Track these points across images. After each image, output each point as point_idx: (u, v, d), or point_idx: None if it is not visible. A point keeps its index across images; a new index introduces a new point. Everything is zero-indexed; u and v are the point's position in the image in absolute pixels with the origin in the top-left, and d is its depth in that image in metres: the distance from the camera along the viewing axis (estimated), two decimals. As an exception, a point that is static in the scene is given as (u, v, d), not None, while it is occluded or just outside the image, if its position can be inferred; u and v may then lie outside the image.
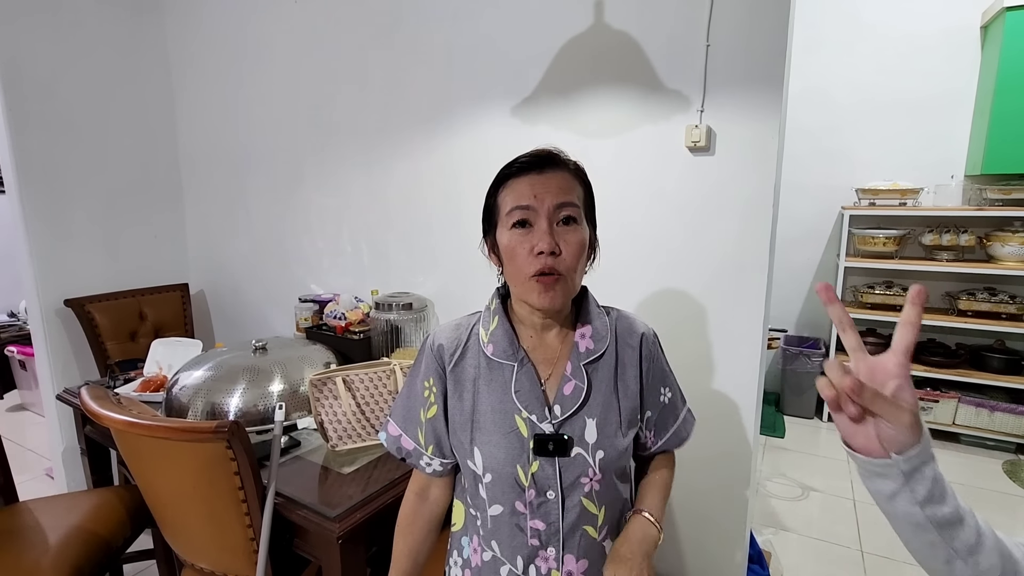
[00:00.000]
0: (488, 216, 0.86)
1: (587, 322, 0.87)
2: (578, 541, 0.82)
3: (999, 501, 2.52)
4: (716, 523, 1.62)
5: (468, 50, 1.77)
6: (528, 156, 0.82)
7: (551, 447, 0.80)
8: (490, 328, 0.86)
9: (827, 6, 3.25)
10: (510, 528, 0.82)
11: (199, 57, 2.55)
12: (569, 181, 0.81)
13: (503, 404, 0.82)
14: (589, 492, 0.81)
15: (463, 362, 0.86)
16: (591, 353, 0.85)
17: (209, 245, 2.76)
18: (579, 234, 0.80)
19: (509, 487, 0.81)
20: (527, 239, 0.78)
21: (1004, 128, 2.74)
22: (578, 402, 0.82)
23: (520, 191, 0.79)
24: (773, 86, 1.34)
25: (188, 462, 1.14)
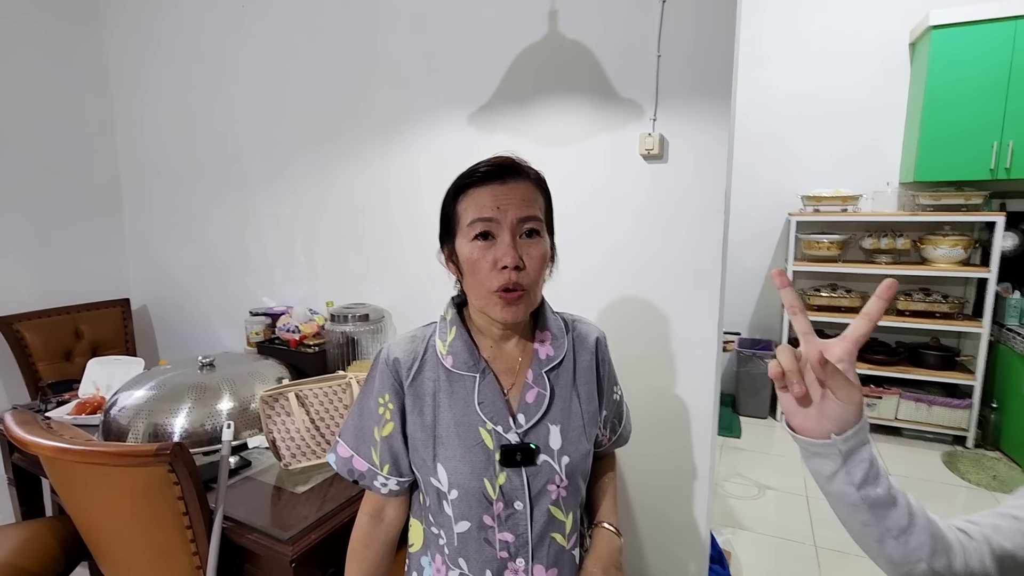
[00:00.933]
0: (446, 224, 0.83)
1: (545, 329, 0.86)
2: (547, 550, 0.81)
3: (939, 491, 2.66)
4: (677, 525, 1.64)
5: (423, 58, 1.75)
6: (489, 164, 0.80)
7: (518, 457, 0.78)
8: (448, 339, 0.84)
9: (771, 22, 3.40)
10: (478, 543, 0.80)
11: (141, 67, 2.43)
12: (532, 192, 0.80)
13: (466, 417, 0.80)
14: (556, 499, 0.81)
15: (421, 376, 0.83)
16: (551, 360, 0.84)
17: (152, 258, 2.62)
18: (542, 247, 0.80)
19: (476, 502, 0.79)
20: (490, 252, 0.77)
21: (933, 139, 2.92)
22: (542, 409, 0.81)
23: (482, 202, 0.77)
24: (721, 97, 1.38)
25: (126, 489, 1.06)
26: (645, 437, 1.59)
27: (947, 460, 2.92)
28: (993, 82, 2.76)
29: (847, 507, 0.56)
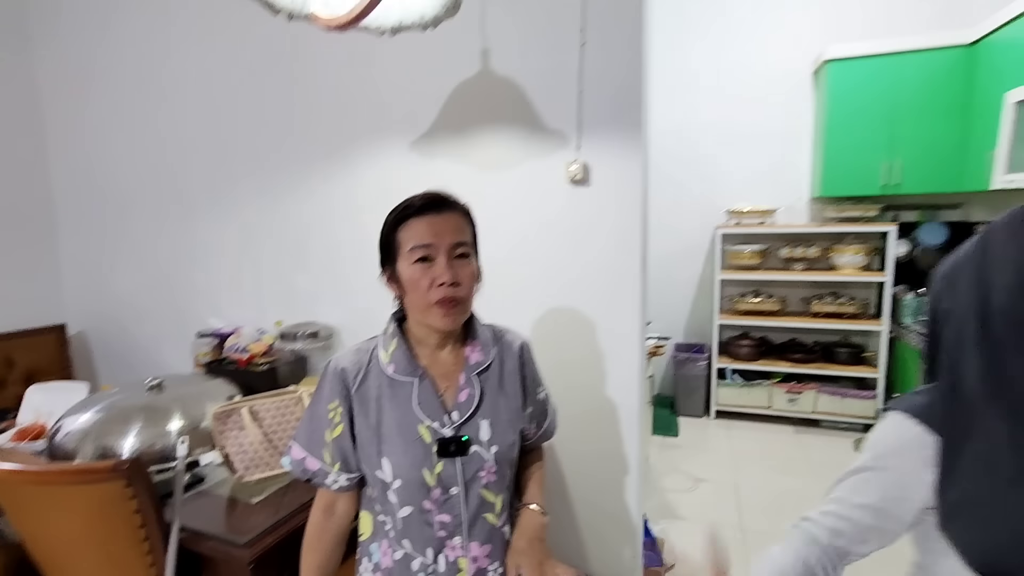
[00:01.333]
0: (387, 250, 0.95)
1: (475, 338, 0.99)
2: (480, 528, 0.93)
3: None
4: (612, 514, 1.79)
5: (365, 88, 1.86)
6: (424, 198, 0.93)
7: (453, 448, 0.90)
8: (390, 350, 0.96)
9: (696, 54, 3.71)
10: (419, 525, 0.91)
11: (77, 91, 2.42)
12: (461, 221, 0.95)
13: (406, 416, 0.92)
14: (487, 484, 0.93)
15: (366, 383, 0.94)
16: (480, 364, 0.97)
17: (91, 282, 2.58)
18: (472, 267, 0.94)
19: (417, 489, 0.90)
20: (429, 272, 0.90)
21: (833, 158, 3.27)
22: (472, 407, 0.94)
23: (420, 231, 0.90)
24: (634, 128, 1.56)
25: (82, 506, 1.11)
26: (579, 434, 1.74)
27: (858, 446, 3.23)
28: (881, 109, 3.13)
29: None
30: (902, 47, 3.07)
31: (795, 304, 3.74)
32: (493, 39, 1.67)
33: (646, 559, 1.95)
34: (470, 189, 1.73)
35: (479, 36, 1.68)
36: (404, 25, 1.17)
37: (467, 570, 0.92)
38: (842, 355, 3.52)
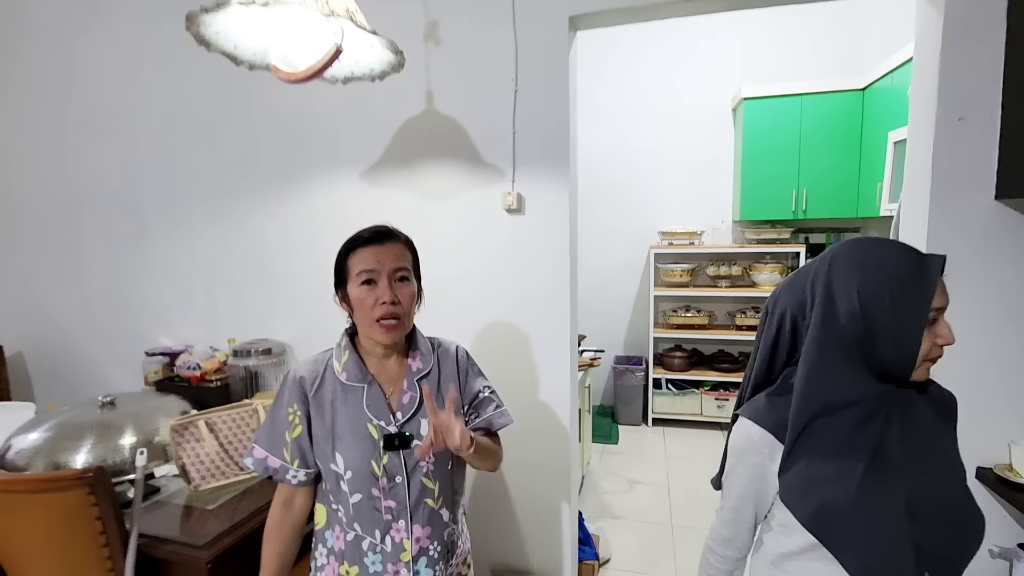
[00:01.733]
0: (340, 275, 1.10)
1: (416, 349, 1.15)
2: (421, 512, 1.07)
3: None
4: (549, 512, 1.96)
5: (318, 120, 2.00)
6: (370, 231, 1.09)
7: (397, 443, 1.05)
8: (343, 360, 1.10)
9: (627, 87, 4.02)
10: (369, 510, 1.05)
11: (14, 104, 2.43)
12: (402, 250, 1.10)
13: (358, 417, 1.06)
14: (427, 472, 1.08)
15: (322, 389, 1.08)
16: (421, 371, 1.13)
17: (30, 301, 2.56)
18: (410, 288, 1.10)
19: (366, 478, 1.04)
20: (373, 293, 1.05)
21: (750, 186, 3.63)
22: (414, 407, 1.09)
23: (366, 258, 1.06)
24: (562, 164, 1.78)
25: (45, 514, 1.18)
26: (518, 439, 1.90)
27: (777, 447, 3.55)
28: (788, 143, 3.52)
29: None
30: (806, 89, 3.47)
31: (722, 318, 4.07)
32: (436, 82, 1.86)
33: (582, 553, 2.13)
34: (416, 216, 1.92)
35: (424, 79, 1.86)
36: (355, 76, 1.33)
37: (410, 549, 1.06)
38: (763, 364, 3.85)
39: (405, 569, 1.06)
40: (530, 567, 2.01)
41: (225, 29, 1.14)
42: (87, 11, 2.26)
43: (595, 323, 4.07)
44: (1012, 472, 1.47)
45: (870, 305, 0.78)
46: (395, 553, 1.05)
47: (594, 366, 2.87)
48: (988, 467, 1.53)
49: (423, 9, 1.84)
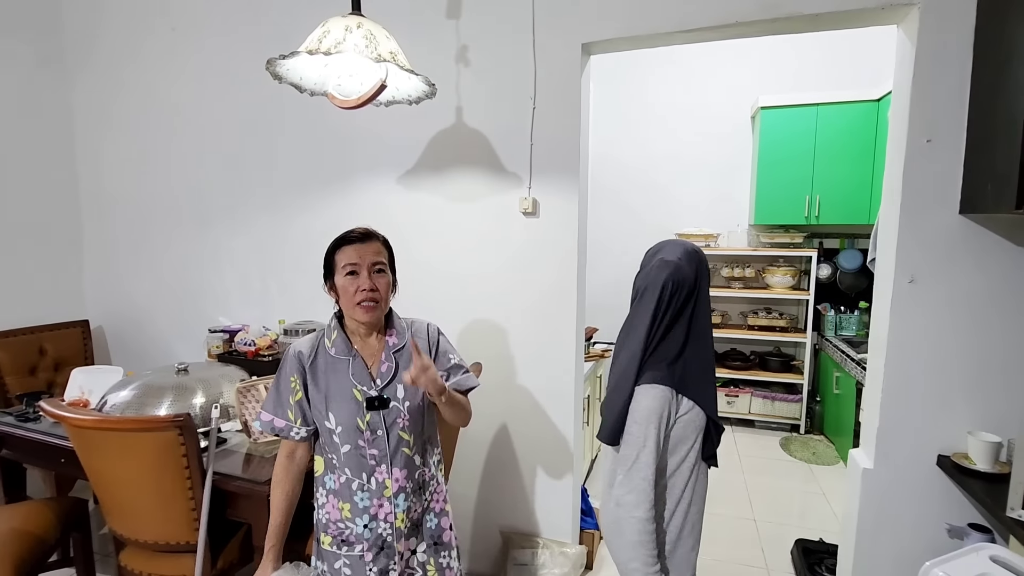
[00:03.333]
0: (328, 268, 1.34)
1: (392, 328, 1.38)
2: (399, 458, 1.31)
3: (777, 467, 3.40)
4: (554, 484, 2.20)
5: (363, 131, 2.28)
6: (355, 232, 1.32)
7: (377, 404, 1.29)
8: (332, 338, 1.35)
9: (650, 93, 4.20)
10: (356, 457, 1.29)
11: (107, 110, 2.80)
12: (379, 247, 1.33)
13: (344, 383, 1.30)
14: (403, 427, 1.31)
15: (316, 361, 1.34)
16: (396, 346, 1.36)
17: (110, 283, 2.94)
18: (386, 278, 1.32)
19: (353, 432, 1.29)
20: (355, 282, 1.28)
21: (765, 192, 3.78)
22: (390, 375, 1.32)
23: (350, 254, 1.29)
24: (573, 173, 2.01)
25: (145, 450, 1.49)
26: (527, 419, 2.16)
27: (783, 443, 3.70)
28: (803, 151, 3.65)
29: None
30: (822, 99, 3.60)
31: (735, 318, 4.22)
32: (465, 99, 2.11)
33: (584, 523, 2.37)
34: (444, 216, 2.18)
35: (455, 96, 2.12)
36: (395, 101, 1.59)
37: (391, 487, 1.30)
38: (774, 363, 4.00)
39: (388, 503, 1.29)
40: (537, 531, 2.25)
41: (294, 67, 1.42)
42: (168, 31, 2.60)
43: (611, 319, 4.26)
44: (968, 460, 1.64)
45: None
46: (379, 491, 1.30)
47: (604, 357, 3.09)
48: (947, 455, 1.70)
49: (455, 35, 2.10)
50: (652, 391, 1.18)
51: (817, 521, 2.79)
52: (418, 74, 1.40)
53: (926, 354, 1.70)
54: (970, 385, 1.68)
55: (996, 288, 1.63)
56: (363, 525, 1.29)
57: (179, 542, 1.58)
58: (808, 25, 1.81)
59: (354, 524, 1.30)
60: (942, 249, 1.66)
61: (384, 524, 1.30)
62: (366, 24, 1.35)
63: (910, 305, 1.68)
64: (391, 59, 1.30)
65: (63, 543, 1.90)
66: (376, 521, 1.29)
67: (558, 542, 2.19)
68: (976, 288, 1.65)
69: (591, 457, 3.16)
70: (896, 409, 1.72)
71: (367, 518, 1.29)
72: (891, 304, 1.70)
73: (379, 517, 1.30)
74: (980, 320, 1.65)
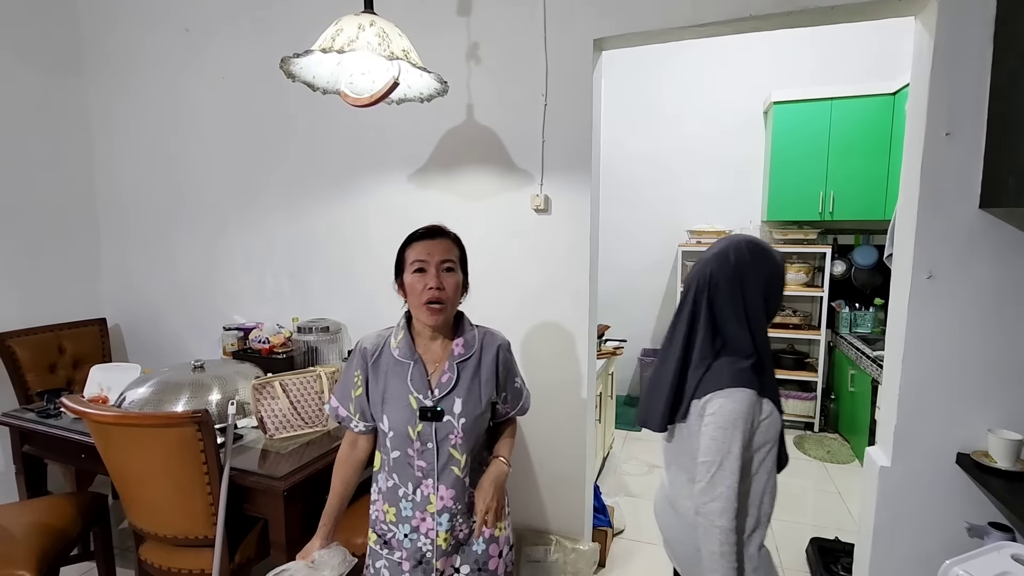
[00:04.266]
0: (398, 266, 1.32)
1: (461, 335, 1.33)
2: (447, 476, 1.27)
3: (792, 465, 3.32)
4: (567, 481, 2.20)
5: (373, 129, 2.29)
6: (424, 228, 1.30)
7: (430, 415, 1.26)
8: (398, 338, 1.32)
9: (662, 89, 4.18)
10: (404, 465, 1.27)
11: (123, 114, 2.84)
12: (449, 245, 1.30)
13: (402, 388, 1.28)
14: (455, 444, 1.27)
15: (380, 360, 1.32)
16: (462, 356, 1.31)
17: (127, 282, 2.98)
18: (455, 277, 1.29)
19: (404, 439, 1.26)
20: (423, 280, 1.25)
21: (778, 188, 3.74)
22: (450, 387, 1.28)
23: (419, 251, 1.27)
24: (584, 170, 2.00)
25: (163, 445, 1.51)
26: (541, 415, 2.16)
27: (797, 442, 3.67)
28: (817, 146, 3.60)
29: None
30: (836, 94, 3.55)
31: (748, 315, 4.18)
32: (476, 97, 2.11)
33: (597, 520, 2.36)
34: (455, 214, 2.19)
35: (466, 94, 2.12)
36: (407, 99, 1.60)
37: (435, 504, 1.26)
38: (788, 361, 3.96)
39: (430, 518, 1.25)
40: (549, 528, 2.25)
41: (308, 65, 1.43)
42: (181, 33, 2.63)
43: (624, 316, 4.26)
44: (988, 458, 1.62)
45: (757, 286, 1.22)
46: (423, 504, 1.27)
47: (617, 355, 3.08)
48: (967, 453, 1.67)
49: (466, 33, 2.10)
50: (737, 394, 1.12)
51: (832, 520, 2.76)
52: (430, 72, 1.40)
53: (944, 351, 1.67)
54: (990, 382, 1.65)
55: (1017, 283, 1.60)
56: (404, 534, 1.27)
57: (197, 536, 1.60)
58: (824, 18, 1.78)
59: (396, 529, 1.28)
60: (961, 244, 1.63)
61: (425, 539, 1.26)
62: (379, 22, 1.35)
63: (928, 301, 1.66)
64: (404, 57, 1.30)
65: (84, 537, 1.93)
66: (417, 534, 1.26)
67: (571, 539, 2.19)
68: (996, 283, 1.62)
69: (603, 454, 3.16)
70: (914, 406, 1.70)
71: (408, 528, 1.27)
72: (909, 300, 1.68)
73: (420, 531, 1.26)
74: (1000, 316, 1.62)
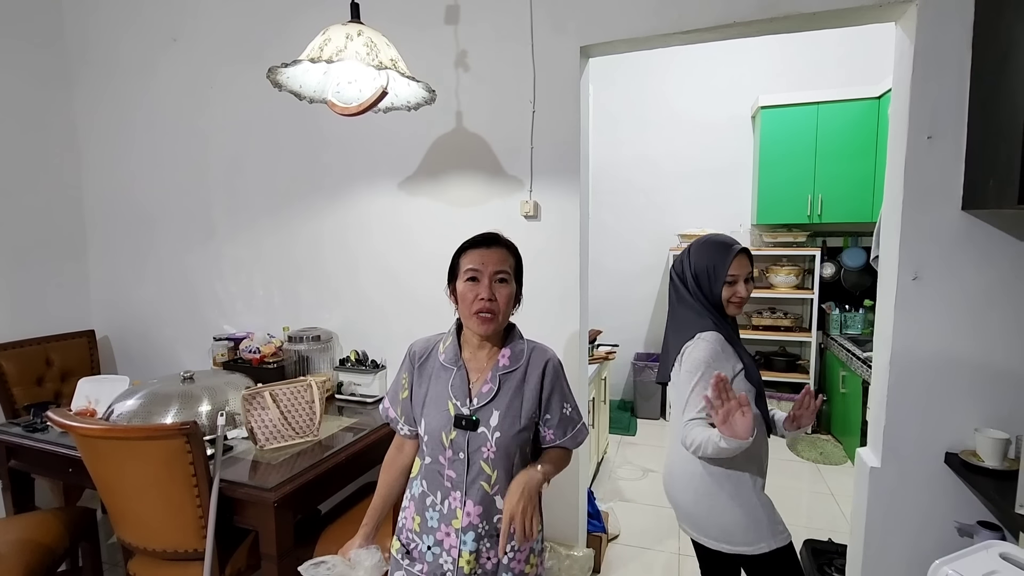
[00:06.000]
0: (452, 272, 1.28)
1: (508, 346, 1.29)
2: (476, 491, 1.22)
3: (785, 467, 3.38)
4: (561, 485, 2.19)
5: (362, 137, 2.29)
6: (480, 236, 1.27)
7: (464, 423, 1.22)
8: (446, 344, 1.30)
9: (649, 97, 4.22)
10: (434, 473, 1.25)
11: (111, 124, 2.82)
12: (504, 255, 1.24)
13: (442, 393, 1.25)
14: (487, 458, 1.23)
15: (426, 364, 1.30)
16: (507, 368, 1.27)
17: (115, 294, 2.95)
18: (508, 289, 1.21)
19: (437, 445, 1.24)
20: (475, 289, 1.21)
21: (767, 191, 3.77)
22: (490, 398, 1.24)
23: (473, 259, 1.23)
24: (573, 176, 2.01)
25: (152, 458, 1.49)
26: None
27: (790, 443, 3.68)
28: (804, 150, 3.64)
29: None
30: (822, 98, 3.60)
31: (739, 317, 4.20)
32: (465, 104, 2.12)
33: (591, 526, 2.36)
34: (445, 221, 2.19)
35: (455, 101, 2.13)
36: (394, 107, 1.60)
37: (461, 518, 1.21)
38: (779, 363, 3.98)
39: (455, 535, 1.19)
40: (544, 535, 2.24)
41: (295, 74, 1.43)
42: (168, 43, 2.62)
43: (616, 321, 4.27)
44: (975, 457, 1.63)
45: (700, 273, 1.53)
46: (448, 517, 1.23)
47: (609, 359, 3.08)
48: (955, 452, 1.69)
49: (454, 40, 2.11)
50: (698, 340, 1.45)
51: (826, 521, 2.77)
52: (419, 81, 1.41)
53: (932, 351, 1.69)
54: (977, 381, 1.67)
55: (1001, 283, 1.62)
56: (427, 546, 1.24)
57: (187, 550, 1.59)
58: (806, 24, 1.81)
59: (419, 540, 1.25)
60: (946, 245, 1.65)
61: (447, 557, 1.21)
62: (366, 32, 1.36)
63: (915, 302, 1.68)
64: (392, 66, 1.31)
65: (72, 553, 1.91)
66: (440, 548, 1.22)
67: (565, 545, 2.19)
68: (981, 283, 1.64)
69: (597, 460, 3.15)
70: (902, 407, 1.72)
71: (432, 540, 1.23)
72: (895, 301, 1.69)
73: (444, 545, 1.21)
74: (986, 315, 1.65)
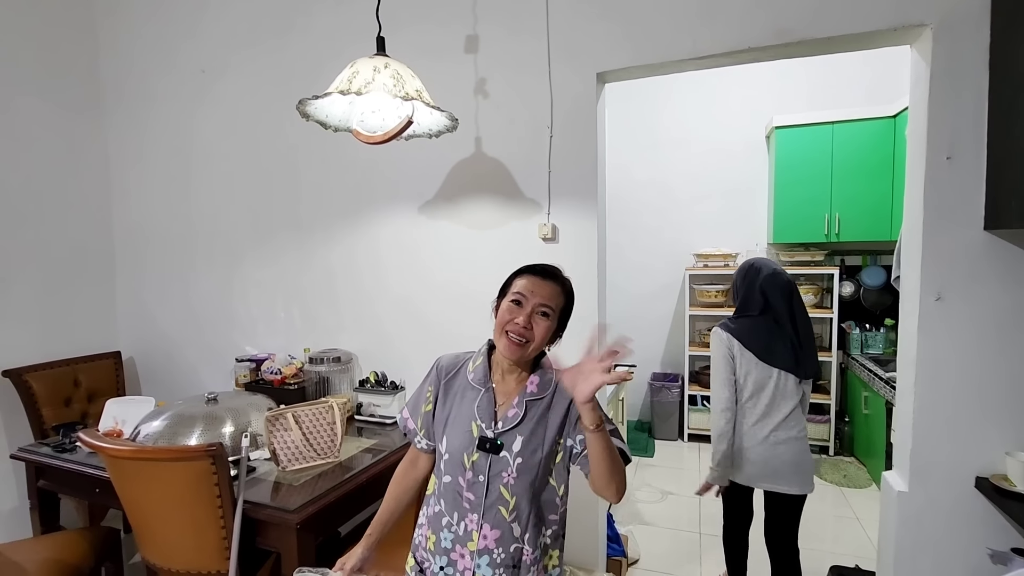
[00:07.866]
0: (503, 290, 1.28)
1: (536, 373, 1.27)
2: (493, 515, 1.21)
3: (804, 489, 3.31)
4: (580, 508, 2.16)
5: (383, 163, 2.35)
6: (540, 265, 1.27)
7: (487, 446, 1.21)
8: (476, 363, 1.30)
9: (664, 117, 4.26)
10: (452, 493, 1.24)
11: (141, 151, 2.92)
12: (557, 291, 1.20)
13: (467, 413, 1.25)
14: (506, 483, 1.21)
15: (454, 381, 1.30)
16: (534, 395, 1.25)
17: (141, 316, 3.02)
18: (548, 324, 1.18)
19: (457, 465, 1.23)
20: (515, 313, 1.20)
21: (783, 210, 3.77)
22: (515, 423, 1.23)
23: (524, 284, 1.22)
24: (591, 199, 2.04)
25: (179, 479, 1.52)
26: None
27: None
28: (820, 169, 3.64)
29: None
30: (837, 117, 3.60)
31: (758, 337, 4.16)
32: (484, 130, 2.17)
33: (610, 550, 2.33)
34: (465, 244, 2.22)
35: (474, 127, 2.18)
36: (416, 135, 1.65)
37: (476, 541, 1.20)
38: (799, 383, 3.92)
39: (469, 556, 1.18)
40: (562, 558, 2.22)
41: (322, 105, 1.48)
42: (197, 74, 2.72)
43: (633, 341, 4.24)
44: (1007, 482, 1.59)
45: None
46: (464, 539, 1.21)
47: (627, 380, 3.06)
48: (986, 477, 1.65)
49: (474, 68, 2.17)
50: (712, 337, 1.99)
51: (852, 547, 2.70)
52: (443, 110, 1.45)
53: (957, 372, 1.67)
54: (1005, 403, 1.64)
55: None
56: (439, 567, 1.23)
57: (210, 571, 1.60)
58: (821, 48, 1.83)
59: (433, 560, 1.24)
60: (968, 266, 1.64)
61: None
62: (393, 64, 1.41)
63: (938, 323, 1.66)
64: (417, 96, 1.36)
65: (96, 572, 1.93)
66: (454, 569, 1.21)
67: (585, 569, 2.16)
68: (1005, 304, 1.62)
69: (615, 482, 3.12)
70: (929, 430, 1.69)
71: (445, 560, 1.21)
72: (919, 322, 1.68)
73: (457, 567, 1.20)
74: (1013, 336, 1.62)
